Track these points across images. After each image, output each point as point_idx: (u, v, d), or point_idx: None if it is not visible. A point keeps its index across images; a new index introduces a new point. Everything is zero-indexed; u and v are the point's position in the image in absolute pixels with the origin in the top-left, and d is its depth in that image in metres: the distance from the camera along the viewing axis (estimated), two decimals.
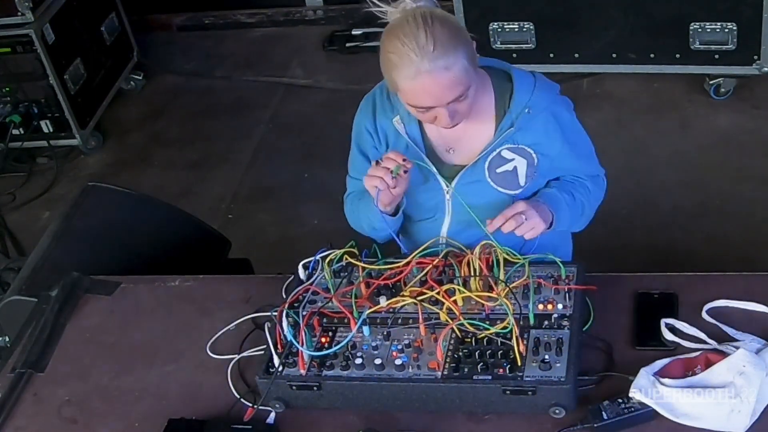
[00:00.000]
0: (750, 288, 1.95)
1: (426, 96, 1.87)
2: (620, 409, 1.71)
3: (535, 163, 2.04)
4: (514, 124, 2.01)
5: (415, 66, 1.81)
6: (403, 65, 1.83)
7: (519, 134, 2.03)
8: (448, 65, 1.82)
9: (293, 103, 4.50)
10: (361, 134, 2.14)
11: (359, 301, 1.93)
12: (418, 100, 1.89)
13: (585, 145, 2.15)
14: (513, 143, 2.04)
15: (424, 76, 1.82)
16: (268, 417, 1.86)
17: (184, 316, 2.18)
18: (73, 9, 4.29)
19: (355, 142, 2.17)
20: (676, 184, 3.56)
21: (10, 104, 4.19)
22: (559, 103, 2.06)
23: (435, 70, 1.82)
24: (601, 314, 1.93)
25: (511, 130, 2.02)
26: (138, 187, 3.24)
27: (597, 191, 2.17)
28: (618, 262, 3.04)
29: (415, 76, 1.83)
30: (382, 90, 2.10)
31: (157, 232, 2.66)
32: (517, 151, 2.04)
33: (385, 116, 2.09)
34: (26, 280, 2.39)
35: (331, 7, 5.02)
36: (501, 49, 3.91)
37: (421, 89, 1.85)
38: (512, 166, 2.05)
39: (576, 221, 2.12)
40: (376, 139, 2.11)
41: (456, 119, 1.94)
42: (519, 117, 2.01)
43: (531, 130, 2.03)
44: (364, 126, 2.12)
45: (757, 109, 3.85)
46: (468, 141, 2.07)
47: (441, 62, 1.81)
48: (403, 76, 1.84)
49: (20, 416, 2.00)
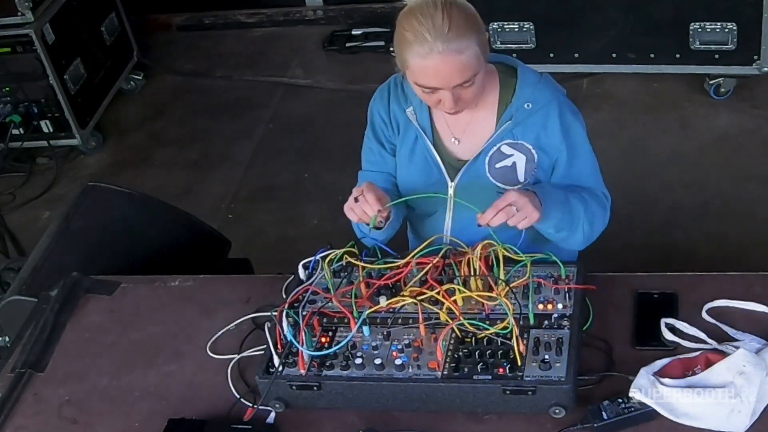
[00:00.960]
0: (750, 288, 1.95)
1: (434, 76, 1.90)
2: (620, 409, 1.71)
3: (534, 160, 2.06)
4: (513, 118, 2.03)
5: (428, 45, 1.86)
6: (416, 43, 1.87)
7: (518, 129, 2.05)
8: (460, 49, 1.86)
9: (293, 103, 4.50)
10: (375, 121, 2.18)
11: (359, 301, 1.93)
12: (425, 79, 1.92)
13: (587, 156, 2.11)
14: (512, 138, 2.05)
15: (436, 56, 1.86)
16: (268, 417, 1.86)
17: (184, 316, 2.18)
18: (73, 9, 4.29)
19: (369, 129, 2.20)
20: (676, 184, 3.56)
21: (10, 104, 4.19)
22: (562, 104, 2.07)
23: (447, 52, 1.86)
24: (601, 314, 1.93)
25: (509, 124, 2.04)
26: (138, 187, 3.23)
27: (597, 208, 2.08)
28: (618, 262, 3.04)
29: (426, 55, 1.87)
30: (396, 81, 2.15)
31: (157, 232, 2.65)
32: (516, 147, 2.06)
33: (398, 105, 2.13)
34: (26, 280, 2.38)
35: (331, 7, 5.02)
36: (501, 49, 3.90)
37: (431, 69, 1.89)
38: (511, 161, 2.06)
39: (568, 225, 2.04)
40: (388, 125, 2.16)
41: (459, 105, 1.96)
42: (518, 111, 2.03)
43: (530, 125, 2.04)
44: (378, 113, 2.17)
45: (757, 109, 3.85)
46: (472, 133, 2.10)
47: (454, 45, 1.86)
48: (415, 53, 1.88)
49: (20, 416, 2.00)
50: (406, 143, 2.15)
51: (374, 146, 2.20)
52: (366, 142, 2.23)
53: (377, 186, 2.02)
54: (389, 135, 2.18)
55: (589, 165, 2.12)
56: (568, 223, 2.04)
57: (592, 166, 2.13)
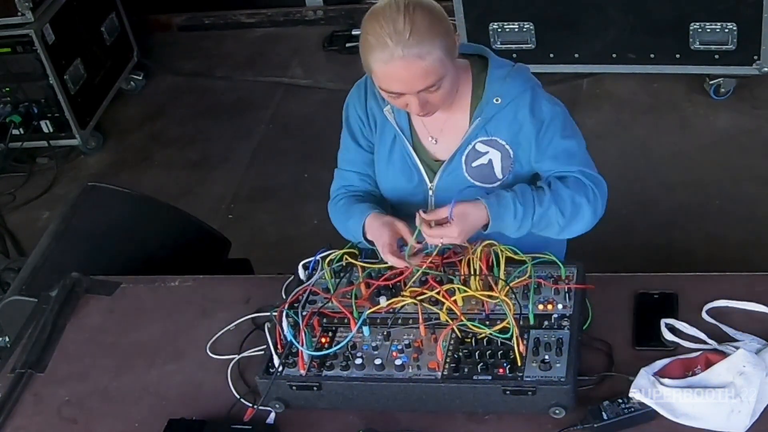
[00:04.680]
0: (750, 288, 1.94)
1: (396, 82, 1.88)
2: (620, 409, 1.71)
3: (510, 156, 2.03)
4: (482, 114, 2.01)
5: (389, 50, 1.82)
6: (378, 48, 1.84)
7: (490, 125, 2.02)
8: (421, 54, 1.83)
9: (293, 103, 4.50)
10: (351, 119, 2.15)
11: (359, 302, 1.94)
12: (388, 84, 1.89)
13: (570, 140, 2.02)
14: (486, 135, 2.03)
15: (397, 61, 1.83)
16: (268, 417, 1.86)
17: (184, 316, 2.18)
18: (73, 9, 4.29)
19: (345, 128, 2.17)
20: (676, 184, 3.56)
21: (10, 104, 4.18)
22: (534, 95, 2.00)
23: (408, 57, 1.82)
24: (600, 314, 1.93)
25: (479, 121, 2.01)
26: (138, 187, 3.24)
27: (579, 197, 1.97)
28: (618, 262, 3.05)
29: (387, 61, 1.84)
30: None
31: (157, 232, 2.66)
32: (491, 144, 2.03)
33: (376, 102, 2.10)
34: (26, 280, 2.39)
35: (331, 7, 5.02)
36: (501, 49, 3.91)
37: (393, 74, 1.86)
38: (487, 159, 2.04)
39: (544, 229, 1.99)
40: (365, 123, 2.13)
41: (427, 108, 1.94)
42: (488, 106, 2.00)
43: (501, 120, 2.01)
44: (354, 110, 2.14)
45: (757, 109, 3.85)
46: (448, 131, 2.07)
47: (415, 50, 1.82)
48: (376, 59, 1.85)
49: (20, 416, 2.00)
50: (383, 143, 2.12)
51: (350, 145, 2.16)
52: (342, 140, 2.19)
53: (390, 233, 1.96)
54: (367, 133, 2.14)
55: (574, 148, 2.03)
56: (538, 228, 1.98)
57: (578, 147, 2.03)
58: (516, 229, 1.97)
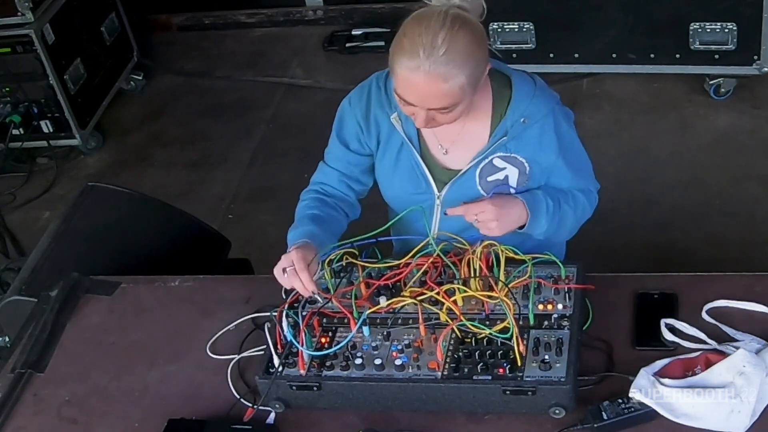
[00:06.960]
0: (750, 288, 1.95)
1: (413, 93, 1.86)
2: (620, 409, 1.71)
3: (526, 172, 2.02)
4: (508, 133, 1.99)
5: (418, 61, 1.80)
6: (408, 54, 1.81)
7: (512, 143, 2.00)
8: (446, 76, 1.81)
9: (293, 103, 4.50)
10: (346, 122, 2.12)
11: (359, 302, 1.94)
12: (404, 91, 1.87)
13: (580, 159, 2.10)
14: (506, 152, 2.01)
15: (421, 74, 1.81)
16: (268, 417, 1.86)
17: (184, 316, 2.18)
18: (73, 9, 4.28)
19: (337, 127, 2.14)
20: (676, 184, 3.55)
21: (10, 104, 4.18)
22: (557, 114, 2.02)
23: (432, 74, 1.80)
24: (600, 314, 1.93)
25: (504, 139, 2.00)
26: (138, 187, 3.23)
27: (586, 206, 2.10)
28: (618, 262, 3.05)
29: (413, 70, 1.81)
30: (379, 83, 2.08)
31: (157, 232, 2.65)
32: (509, 160, 2.02)
33: (381, 109, 2.06)
34: (26, 280, 2.39)
35: (331, 7, 5.02)
36: (501, 49, 3.90)
37: (412, 85, 1.84)
38: (503, 175, 2.03)
39: (556, 230, 2.05)
40: (365, 130, 2.09)
41: (431, 125, 1.92)
42: (514, 126, 1.99)
43: (525, 140, 2.00)
44: (353, 115, 2.10)
45: (757, 109, 3.85)
46: (462, 143, 2.04)
47: (442, 69, 1.80)
48: (403, 64, 1.82)
49: (20, 416, 2.00)
50: (389, 151, 2.09)
51: (338, 146, 2.13)
52: (331, 137, 2.15)
53: (306, 255, 1.92)
54: (364, 139, 2.10)
55: (582, 164, 2.10)
56: (556, 228, 2.04)
57: (584, 163, 2.11)
58: (547, 226, 2.01)
